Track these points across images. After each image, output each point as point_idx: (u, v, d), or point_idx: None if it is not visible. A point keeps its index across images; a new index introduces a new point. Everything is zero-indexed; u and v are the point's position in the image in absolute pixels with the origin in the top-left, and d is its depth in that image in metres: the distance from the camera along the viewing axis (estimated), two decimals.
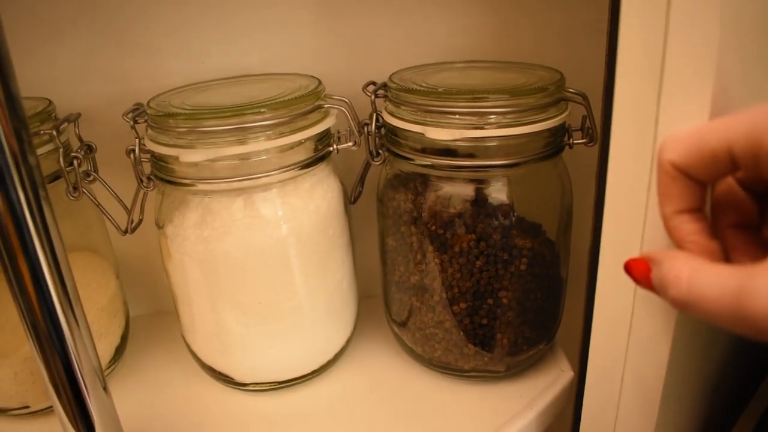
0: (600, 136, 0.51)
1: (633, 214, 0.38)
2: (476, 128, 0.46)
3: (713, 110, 0.32)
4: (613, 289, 0.41)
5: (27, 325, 0.39)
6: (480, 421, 0.52)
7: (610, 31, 0.58)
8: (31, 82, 0.57)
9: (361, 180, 0.57)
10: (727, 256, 0.32)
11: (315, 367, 0.56)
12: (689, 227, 0.32)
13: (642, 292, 0.39)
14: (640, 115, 0.35)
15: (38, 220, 0.37)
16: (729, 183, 0.33)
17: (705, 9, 0.31)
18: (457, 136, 0.46)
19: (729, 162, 0.29)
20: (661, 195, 0.33)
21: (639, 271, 0.32)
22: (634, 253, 0.39)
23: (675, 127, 0.34)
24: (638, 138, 0.36)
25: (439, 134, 0.46)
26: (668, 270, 0.29)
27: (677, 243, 0.33)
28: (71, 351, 0.41)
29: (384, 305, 0.60)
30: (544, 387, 0.55)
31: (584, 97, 0.49)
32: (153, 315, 0.69)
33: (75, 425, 0.43)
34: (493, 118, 0.46)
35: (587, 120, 0.50)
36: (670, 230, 0.33)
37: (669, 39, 0.33)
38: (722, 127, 0.29)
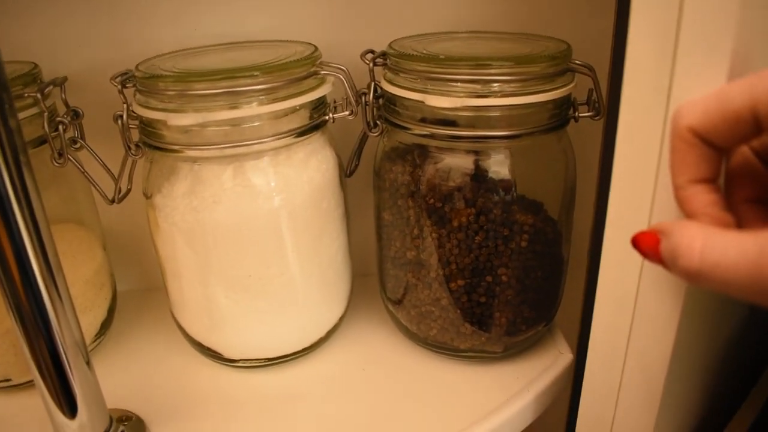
0: (605, 110, 0.49)
1: (641, 189, 0.36)
2: (479, 96, 0.44)
3: (733, 72, 0.31)
4: (617, 267, 0.39)
5: (7, 298, 0.38)
6: (476, 402, 0.50)
7: (619, 5, 0.57)
8: (19, 45, 0.55)
9: (358, 153, 0.56)
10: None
11: (306, 344, 0.54)
12: (703, 198, 0.30)
13: (649, 271, 0.38)
14: (652, 83, 0.34)
15: (18, 186, 0.35)
16: (745, 154, 0.31)
17: None
18: (458, 104, 0.44)
19: (753, 124, 0.27)
20: (674, 163, 0.31)
21: (647, 244, 0.30)
22: (642, 228, 0.37)
23: (690, 91, 0.33)
24: (649, 108, 0.34)
25: (439, 102, 0.44)
26: (679, 239, 0.28)
27: (689, 214, 0.31)
28: (53, 324, 0.40)
29: (379, 282, 0.58)
30: (542, 369, 0.54)
31: (591, 68, 0.47)
32: (141, 291, 0.67)
33: (57, 400, 0.42)
34: (496, 86, 0.44)
35: (594, 93, 0.49)
36: (682, 201, 0.31)
37: (685, 3, 0.31)
38: (746, 86, 0.27)
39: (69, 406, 0.43)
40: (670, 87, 0.33)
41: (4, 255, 0.36)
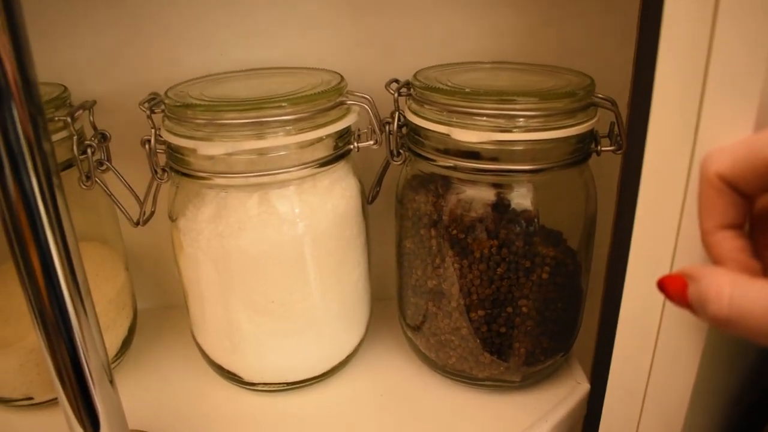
0: (625, 144, 0.50)
1: (665, 226, 0.36)
2: (503, 131, 0.44)
3: (760, 119, 0.31)
4: (639, 303, 0.39)
5: (35, 315, 0.38)
6: (493, 431, 0.51)
7: (640, 38, 0.57)
8: (47, 67, 0.56)
9: (380, 180, 0.56)
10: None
11: (325, 369, 0.55)
12: (731, 244, 0.30)
13: (671, 309, 0.38)
14: (679, 121, 0.34)
15: (50, 208, 0.36)
16: None
17: (754, 9, 0.30)
18: (484, 139, 0.44)
19: None
20: (702, 208, 0.31)
21: (675, 288, 0.30)
22: (665, 267, 0.38)
23: (717, 134, 0.33)
24: (675, 146, 0.34)
25: (465, 136, 0.45)
26: (708, 285, 0.28)
27: (716, 260, 0.31)
28: (79, 342, 0.40)
29: (398, 309, 0.58)
30: (559, 399, 0.54)
31: (613, 103, 0.48)
32: (161, 309, 0.68)
33: (80, 418, 0.42)
34: (521, 121, 0.44)
35: (615, 127, 0.49)
36: (709, 246, 0.31)
37: (714, 42, 0.32)
38: None
39: (92, 425, 0.43)
40: (696, 127, 0.33)
41: (34, 273, 0.37)
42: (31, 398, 0.53)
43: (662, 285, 0.31)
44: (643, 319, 0.39)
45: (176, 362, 0.60)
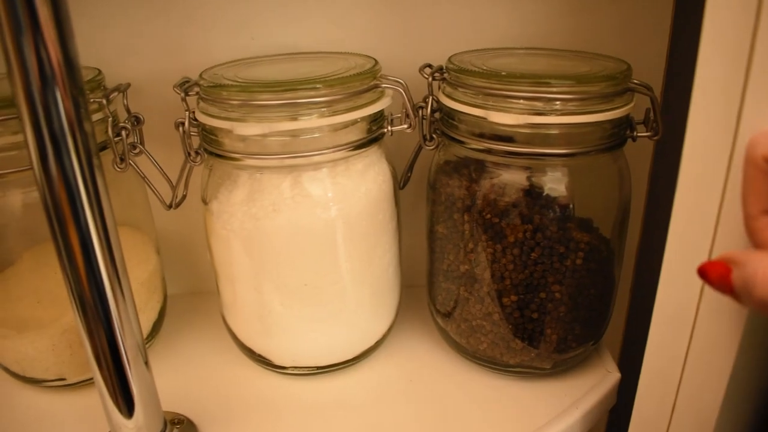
0: (661, 129, 0.49)
1: (704, 213, 0.36)
2: (540, 114, 0.44)
3: None
4: (676, 291, 0.39)
5: (73, 295, 0.39)
6: (523, 418, 0.50)
7: (675, 24, 0.57)
8: (81, 51, 0.56)
9: (411, 165, 0.56)
10: None
11: (355, 353, 0.55)
12: None
13: (709, 297, 0.37)
14: (721, 106, 0.33)
15: (90, 188, 0.36)
16: None
17: None
18: (521, 121, 0.44)
19: None
20: (747, 193, 0.31)
21: (717, 274, 0.30)
22: (703, 254, 0.37)
23: (761, 119, 0.32)
24: (717, 131, 0.34)
25: (502, 118, 0.44)
26: (755, 269, 0.28)
27: (760, 245, 0.31)
28: (116, 323, 0.40)
29: (428, 295, 0.58)
30: (589, 387, 0.53)
31: (650, 89, 0.47)
32: (190, 294, 0.68)
33: (115, 399, 0.43)
34: (558, 104, 0.44)
35: (651, 113, 0.48)
36: (753, 231, 0.31)
37: (760, 26, 0.31)
38: None
39: (127, 406, 0.43)
40: (739, 112, 0.33)
41: (73, 253, 0.37)
42: (63, 379, 0.53)
43: (704, 271, 0.31)
44: (679, 307, 0.39)
45: (206, 346, 0.60)
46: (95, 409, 0.44)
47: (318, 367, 0.54)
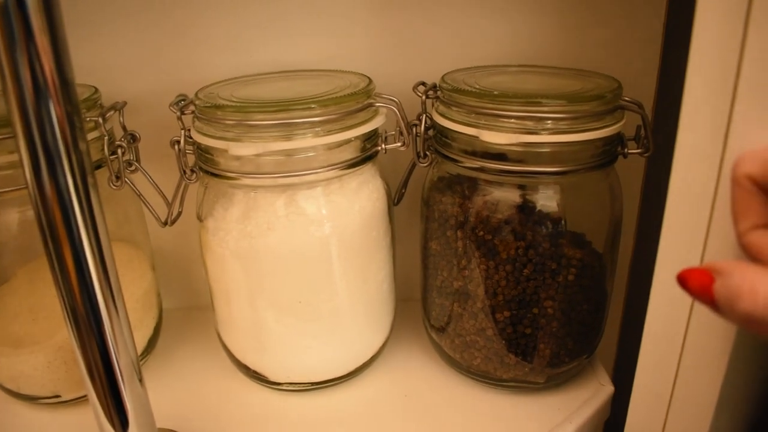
0: (652, 146, 0.50)
1: (694, 228, 0.36)
2: (531, 133, 0.45)
3: None
4: (666, 305, 0.39)
5: (67, 312, 0.39)
6: None
7: (666, 41, 0.57)
8: (78, 68, 0.56)
9: (405, 181, 0.57)
10: None
11: (350, 369, 0.55)
12: (767, 241, 0.30)
13: (699, 311, 0.38)
14: (709, 123, 0.34)
15: (85, 206, 0.36)
16: None
17: None
18: (512, 141, 0.44)
19: None
20: (736, 211, 0.31)
21: (698, 282, 0.29)
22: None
23: (748, 136, 0.33)
24: (706, 148, 0.34)
25: (494, 138, 0.45)
26: (740, 280, 0.27)
27: (754, 259, 0.31)
28: (110, 340, 0.40)
29: (422, 310, 0.58)
30: (583, 401, 0.54)
31: (640, 106, 0.48)
32: (186, 309, 0.68)
33: (109, 416, 0.43)
34: (549, 123, 0.45)
35: (642, 129, 0.49)
36: (746, 247, 0.31)
37: (747, 43, 0.32)
38: None
39: (121, 424, 0.43)
40: (727, 129, 0.33)
41: (68, 271, 0.37)
42: (58, 396, 0.53)
43: (683, 279, 0.29)
44: (670, 322, 0.39)
45: (201, 362, 0.60)
46: (90, 427, 0.44)
47: (313, 383, 0.54)
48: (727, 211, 0.35)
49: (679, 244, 0.37)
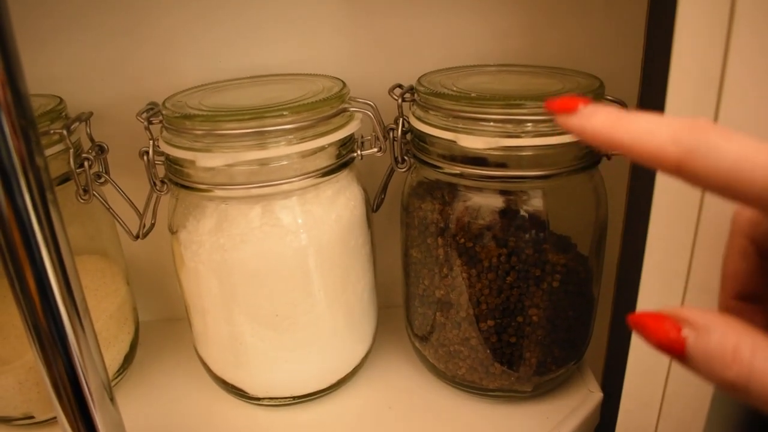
0: None
1: (681, 229, 0.35)
2: (511, 137, 0.43)
3: None
4: (655, 308, 0.38)
5: (31, 334, 0.37)
6: None
7: (648, 37, 0.56)
8: (42, 79, 0.55)
9: (384, 187, 0.55)
10: None
11: (332, 381, 0.54)
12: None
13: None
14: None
15: (45, 226, 0.35)
16: None
17: None
18: (492, 145, 0.43)
19: None
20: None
21: (665, 334, 0.22)
22: (681, 272, 0.36)
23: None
24: None
25: (472, 142, 0.43)
26: (722, 343, 0.22)
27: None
28: (77, 362, 0.39)
29: (405, 318, 0.57)
30: (571, 408, 0.52)
31: (624, 104, 0.46)
32: (163, 321, 0.67)
33: None
34: (529, 126, 0.43)
35: None
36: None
37: (731, 42, 0.31)
38: None
39: None
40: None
41: (29, 292, 0.36)
42: (31, 417, 0.52)
43: (638, 325, 0.23)
44: None
45: (180, 377, 0.58)
46: None
47: (294, 398, 0.53)
48: (715, 211, 0.34)
49: (665, 247, 0.36)
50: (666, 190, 0.35)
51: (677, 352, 0.22)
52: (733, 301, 0.29)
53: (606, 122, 0.23)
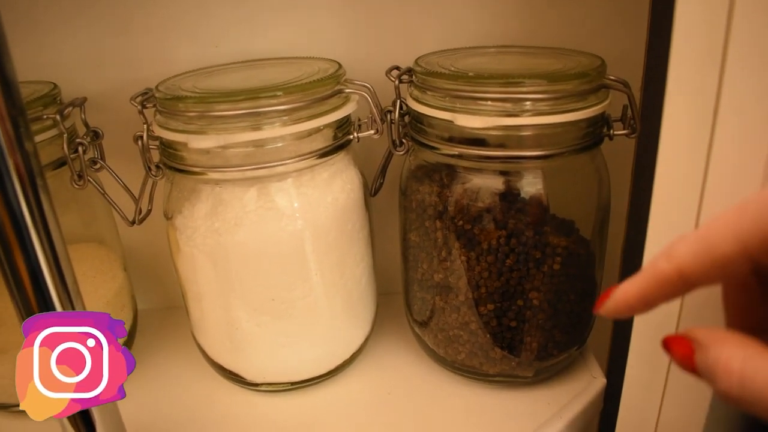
0: (639, 127, 0.47)
1: (683, 212, 0.35)
2: (510, 116, 0.42)
3: None
4: None
5: (23, 320, 0.37)
6: (506, 428, 0.49)
7: (652, 16, 0.55)
8: (37, 65, 0.54)
9: (383, 171, 0.54)
10: None
11: (330, 367, 0.53)
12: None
13: (690, 302, 0.36)
14: (696, 102, 0.32)
15: (36, 211, 0.34)
16: None
17: None
18: (490, 124, 0.42)
19: (747, 261, 0.25)
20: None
21: (681, 353, 0.27)
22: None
23: (737, 115, 0.31)
24: (693, 128, 0.33)
25: (469, 122, 0.42)
26: (716, 358, 0.25)
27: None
28: None
29: (404, 304, 0.56)
30: (574, 394, 0.52)
31: (626, 85, 0.45)
32: (162, 309, 0.66)
33: (75, 425, 0.41)
34: (528, 104, 0.42)
35: (629, 110, 0.47)
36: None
37: (734, 19, 0.30)
38: (731, 230, 0.25)
39: None
40: (716, 108, 0.32)
41: (22, 280, 0.35)
42: None
43: (668, 347, 0.27)
44: (661, 311, 0.37)
45: (178, 364, 0.58)
46: None
47: (292, 383, 0.52)
48: (717, 194, 0.33)
49: (668, 230, 0.36)
50: (667, 174, 0.34)
51: (691, 368, 0.26)
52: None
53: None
